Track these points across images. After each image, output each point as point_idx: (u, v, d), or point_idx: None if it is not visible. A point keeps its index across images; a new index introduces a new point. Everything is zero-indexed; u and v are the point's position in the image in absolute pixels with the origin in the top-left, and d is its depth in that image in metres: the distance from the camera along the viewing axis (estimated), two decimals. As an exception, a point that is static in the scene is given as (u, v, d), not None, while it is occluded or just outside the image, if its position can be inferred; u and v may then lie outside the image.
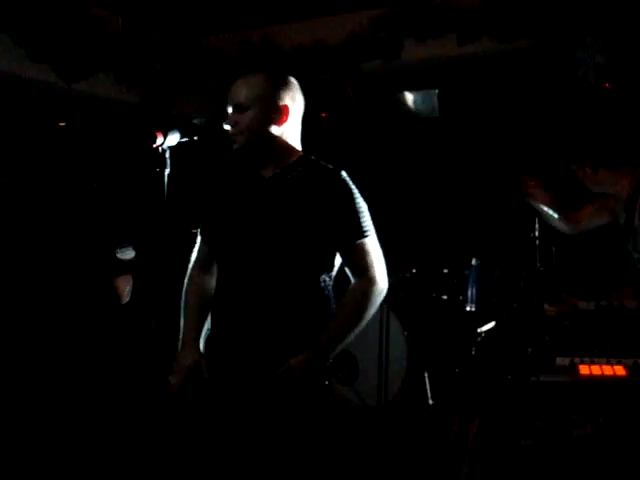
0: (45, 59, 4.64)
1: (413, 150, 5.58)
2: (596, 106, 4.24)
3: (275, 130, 2.49)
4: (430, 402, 4.55)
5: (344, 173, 2.49)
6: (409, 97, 5.75)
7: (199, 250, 2.67)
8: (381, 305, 4.49)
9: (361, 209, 2.47)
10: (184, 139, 2.38)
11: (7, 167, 4.68)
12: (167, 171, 2.29)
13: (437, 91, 5.65)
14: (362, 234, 2.45)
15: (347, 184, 2.47)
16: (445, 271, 4.86)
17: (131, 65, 5.13)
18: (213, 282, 2.63)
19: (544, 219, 3.53)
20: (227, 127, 2.48)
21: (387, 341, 4.56)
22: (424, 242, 5.29)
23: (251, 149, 2.50)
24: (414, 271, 4.96)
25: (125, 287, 3.49)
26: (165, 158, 2.30)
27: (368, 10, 5.09)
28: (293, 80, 2.59)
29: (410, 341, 4.64)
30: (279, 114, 2.49)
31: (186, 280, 2.67)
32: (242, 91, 2.47)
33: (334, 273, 2.54)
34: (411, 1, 4.92)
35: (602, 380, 2.30)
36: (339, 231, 2.43)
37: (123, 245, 3.20)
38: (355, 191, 2.48)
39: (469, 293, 4.61)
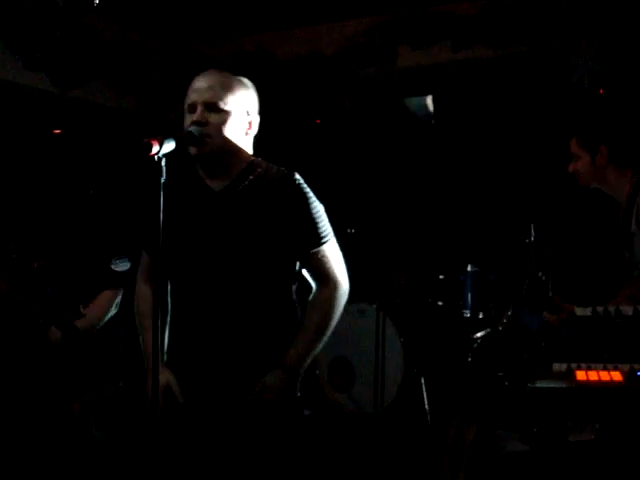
0: (41, 67, 4.64)
1: (408, 156, 5.59)
2: (591, 111, 4.26)
3: (241, 139, 2.41)
4: (427, 408, 4.54)
5: (297, 176, 2.41)
6: (405, 103, 5.77)
7: (145, 264, 2.57)
8: (377, 311, 4.54)
9: (317, 214, 2.39)
10: (180, 147, 2.33)
11: (2, 174, 4.67)
12: (163, 179, 2.25)
13: (432, 97, 5.68)
14: (319, 241, 2.39)
15: (301, 189, 2.39)
16: (441, 277, 4.86)
17: (126, 72, 5.14)
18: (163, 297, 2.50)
19: None
20: (192, 127, 2.32)
21: (383, 347, 4.55)
22: (420, 248, 5.30)
23: (217, 156, 2.36)
24: (410, 277, 4.96)
25: (114, 300, 3.47)
26: (161, 166, 2.25)
27: (363, 18, 5.11)
28: (252, 85, 2.48)
29: (406, 347, 4.64)
30: (249, 125, 2.42)
31: (136, 297, 2.58)
32: (220, 92, 2.34)
33: (296, 281, 2.48)
34: (406, 8, 4.93)
35: (599, 386, 2.29)
36: (296, 240, 2.37)
37: (119, 256, 3.17)
38: (310, 195, 2.40)
39: (465, 299, 4.61)
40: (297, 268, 2.47)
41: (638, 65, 4.29)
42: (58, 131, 5.09)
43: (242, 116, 2.39)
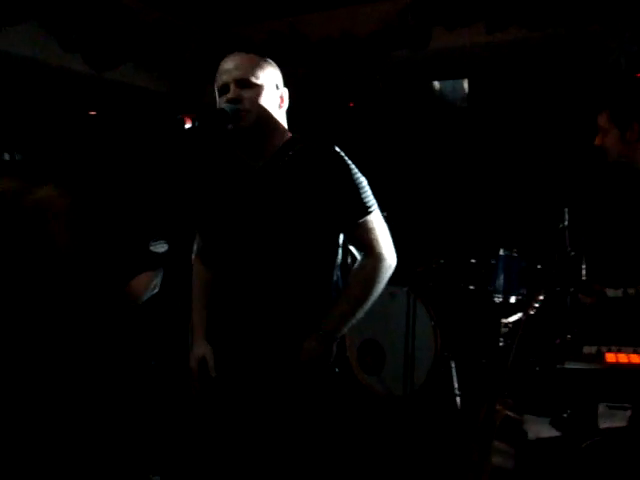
0: (76, 48, 4.68)
1: (441, 139, 5.55)
2: (625, 88, 4.19)
3: (276, 112, 2.42)
4: (456, 392, 4.54)
5: (337, 149, 2.40)
6: (439, 86, 5.73)
7: (199, 242, 2.62)
8: (408, 294, 4.53)
9: (361, 184, 2.37)
10: (213, 124, 2.34)
11: (40, 156, 4.73)
12: (195, 155, 2.28)
13: (467, 80, 5.63)
14: (365, 211, 2.36)
15: (343, 161, 2.38)
16: (473, 261, 4.84)
17: (161, 54, 5.16)
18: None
19: None
20: (225, 104, 2.33)
21: (414, 330, 4.55)
22: (452, 232, 5.27)
23: (257, 130, 2.37)
24: (442, 261, 4.94)
25: (154, 280, 3.52)
26: (194, 142, 2.27)
27: (396, -1, 5.07)
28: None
29: (437, 331, 4.63)
30: (281, 98, 2.44)
31: (193, 273, 2.64)
32: (249, 67, 2.36)
33: (341, 252, 2.48)
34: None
35: (629, 368, 2.28)
36: (341, 210, 2.35)
37: (157, 238, 3.21)
38: (352, 167, 2.38)
39: (496, 283, 4.58)
40: (342, 242, 2.47)
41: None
42: (93, 112, 5.15)
43: (273, 89, 2.41)
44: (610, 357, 2.35)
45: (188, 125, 2.22)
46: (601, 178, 4.45)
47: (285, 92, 2.47)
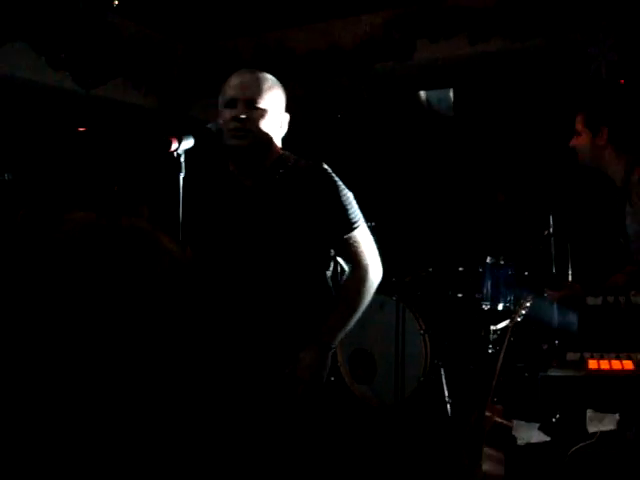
0: (64, 66, 4.73)
1: (427, 149, 5.62)
2: (599, 94, 4.27)
3: (276, 135, 2.50)
4: (447, 399, 4.57)
5: (325, 166, 2.48)
6: (425, 96, 5.79)
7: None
8: (397, 303, 4.57)
9: (347, 201, 2.46)
10: (198, 143, 2.39)
11: (28, 173, 4.76)
12: (182, 175, 2.32)
13: (452, 90, 5.69)
14: (351, 227, 2.46)
15: (331, 178, 2.46)
16: (460, 269, 4.89)
17: (148, 70, 5.21)
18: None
19: None
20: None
21: (403, 339, 4.59)
22: (439, 241, 5.33)
23: (255, 150, 2.45)
24: (430, 270, 4.99)
25: None
26: (180, 162, 2.32)
27: (380, 12, 5.13)
28: None
29: (426, 339, 4.67)
30: (283, 122, 2.52)
31: None
32: (258, 88, 2.43)
33: (332, 266, 2.57)
34: (423, 2, 4.96)
35: (610, 374, 2.33)
36: (328, 227, 2.45)
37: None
38: (340, 184, 2.47)
39: (484, 291, 4.63)
40: (331, 254, 2.55)
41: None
42: (82, 129, 5.19)
43: (276, 114, 2.49)
44: (592, 364, 2.39)
45: (174, 145, 2.27)
46: (578, 183, 4.52)
47: (286, 118, 2.55)
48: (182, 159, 2.31)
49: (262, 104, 2.42)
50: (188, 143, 2.32)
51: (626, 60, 4.45)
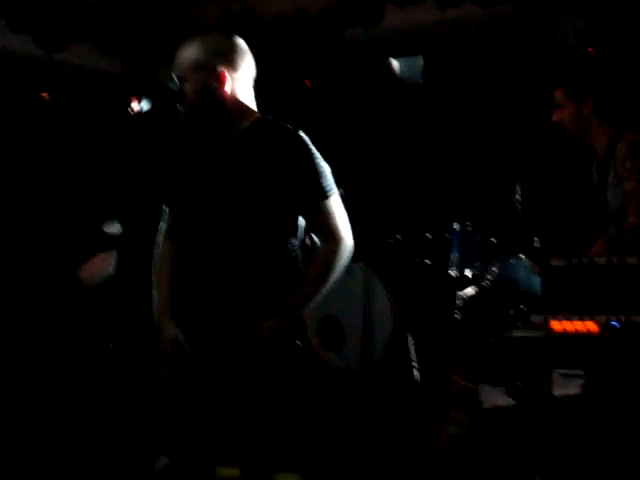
0: (26, 29, 4.62)
1: (396, 116, 5.59)
2: (579, 63, 4.28)
3: (218, 97, 2.46)
4: (414, 365, 4.61)
5: (302, 133, 2.46)
6: (394, 64, 5.75)
7: (166, 219, 2.64)
8: (365, 270, 4.58)
9: (321, 169, 2.45)
10: (159, 104, 2.38)
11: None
12: (143, 135, 2.30)
13: (421, 58, 5.65)
14: (324, 195, 2.43)
15: (306, 145, 2.45)
16: (428, 236, 4.90)
17: (112, 35, 5.12)
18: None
19: None
20: (171, 83, 2.46)
21: (372, 306, 4.61)
22: (407, 208, 5.33)
23: (195, 119, 2.48)
24: (398, 236, 5.00)
25: (107, 263, 3.51)
26: (141, 123, 2.30)
27: (349, -24, 5.08)
28: (232, 41, 2.52)
29: (394, 305, 4.70)
30: (217, 81, 2.45)
31: (156, 251, 2.65)
32: (178, 62, 2.46)
33: (300, 235, 2.55)
34: (391, -34, 4.92)
35: (574, 335, 2.35)
36: (300, 193, 2.42)
37: (110, 219, 3.21)
38: (314, 151, 2.46)
39: (451, 257, 4.64)
40: (302, 224, 2.53)
41: (623, 21, 4.29)
42: (45, 94, 5.09)
43: (202, 77, 2.44)
44: (556, 325, 2.42)
45: (135, 105, 2.25)
46: (554, 151, 4.54)
47: (225, 73, 2.45)
48: (144, 118, 2.30)
49: (186, 75, 2.42)
50: (148, 103, 2.31)
51: (594, 27, 4.45)
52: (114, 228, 3.25)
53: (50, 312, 3.31)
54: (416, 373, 4.61)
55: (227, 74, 2.45)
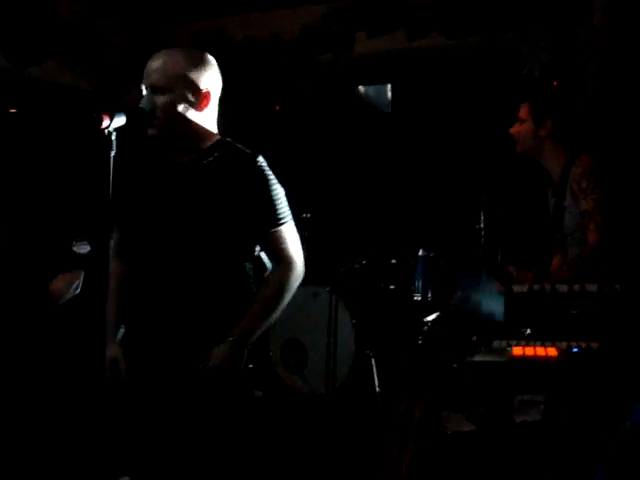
0: (-3, 44, 4.60)
1: (364, 143, 5.66)
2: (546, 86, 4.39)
3: (194, 115, 2.44)
4: (377, 389, 4.62)
5: (261, 158, 2.45)
6: (363, 91, 5.83)
7: (116, 238, 2.60)
8: (330, 294, 4.60)
9: (277, 196, 2.45)
10: (130, 122, 2.35)
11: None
12: (113, 153, 2.28)
13: (390, 86, 5.74)
14: (277, 222, 2.44)
15: (262, 169, 2.44)
16: (393, 261, 4.94)
17: (84, 52, 5.11)
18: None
19: None
20: (143, 103, 2.41)
21: (335, 329, 4.62)
22: (373, 233, 5.38)
23: (167, 135, 2.43)
24: (363, 261, 5.03)
25: (75, 281, 3.48)
26: (111, 140, 2.27)
27: (321, 4, 5.15)
28: (213, 60, 2.50)
29: (358, 329, 4.71)
30: (200, 98, 2.44)
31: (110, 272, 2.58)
32: (159, 71, 2.39)
33: (255, 259, 2.54)
34: (363, -5, 5.00)
35: (534, 360, 2.39)
36: (255, 219, 2.42)
37: (80, 239, 3.20)
38: (271, 176, 2.45)
39: (416, 283, 4.69)
40: (256, 250, 2.53)
41: (585, 55, 4.40)
42: (13, 110, 5.06)
43: (186, 91, 2.41)
44: (517, 350, 2.45)
45: (106, 122, 2.23)
46: (512, 177, 4.62)
47: (210, 92, 2.46)
48: (113, 137, 2.26)
49: (168, 87, 2.38)
50: (120, 121, 2.28)
51: (559, 60, 4.56)
52: (83, 248, 3.24)
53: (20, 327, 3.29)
54: (379, 397, 4.62)
55: (210, 93, 2.46)
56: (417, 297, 4.66)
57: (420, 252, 4.70)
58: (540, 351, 2.44)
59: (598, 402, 2.44)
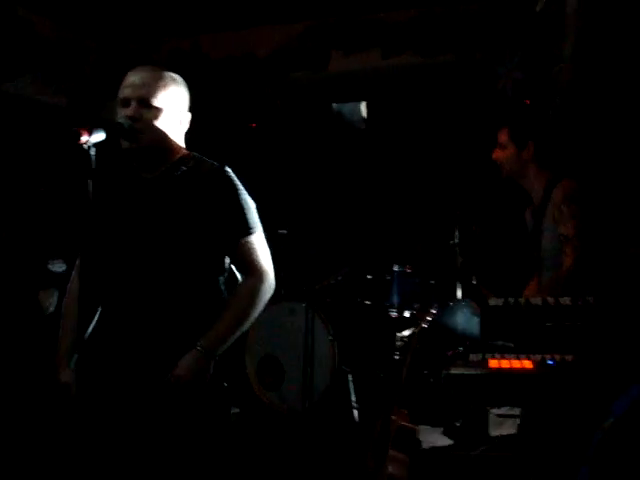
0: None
1: (339, 159, 5.70)
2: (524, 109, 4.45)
3: (174, 133, 2.47)
4: (354, 405, 4.63)
5: (228, 169, 2.46)
6: (338, 109, 5.87)
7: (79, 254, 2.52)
8: (307, 310, 4.61)
9: (246, 206, 2.45)
10: (109, 137, 2.34)
11: None
12: (92, 167, 2.26)
13: (365, 103, 5.79)
14: (247, 231, 2.43)
15: (231, 181, 2.45)
16: (369, 277, 4.97)
17: (59, 68, 5.10)
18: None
19: None
20: (123, 119, 2.37)
21: (312, 346, 4.62)
22: (349, 249, 5.40)
23: (145, 151, 2.42)
24: (339, 277, 5.05)
25: (49, 299, 3.46)
26: (90, 155, 2.27)
27: (297, 23, 5.20)
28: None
29: (335, 345, 4.72)
30: (183, 121, 2.49)
31: (68, 287, 2.58)
32: (152, 86, 2.40)
33: (226, 273, 2.52)
34: (339, 15, 5.05)
35: (510, 372, 2.41)
36: (225, 229, 2.41)
37: (55, 257, 3.18)
38: (240, 187, 2.46)
39: (391, 298, 4.71)
40: (227, 261, 2.51)
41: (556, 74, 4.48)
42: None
43: (174, 113, 2.45)
44: (493, 363, 2.47)
45: (84, 137, 2.22)
46: (490, 192, 4.67)
47: (187, 115, 2.51)
48: (92, 152, 2.25)
49: (156, 103, 2.39)
50: (99, 136, 2.26)
51: (531, 79, 4.64)
52: (59, 267, 3.23)
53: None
54: (356, 413, 4.62)
55: (189, 117, 2.50)
56: (393, 312, 4.69)
57: (395, 267, 4.73)
58: (515, 364, 2.46)
59: (574, 411, 2.47)
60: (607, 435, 1.65)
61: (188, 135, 2.57)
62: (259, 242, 2.48)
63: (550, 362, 2.39)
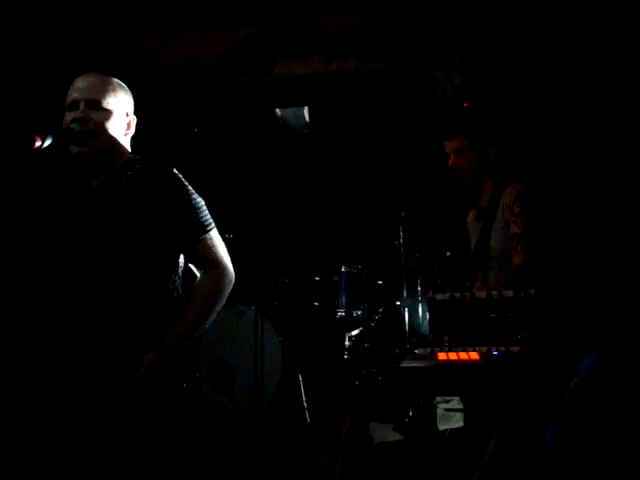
0: None
1: (284, 163, 5.75)
2: (482, 115, 4.54)
3: (122, 138, 2.50)
4: (305, 405, 4.68)
5: (175, 171, 2.50)
6: (281, 113, 5.93)
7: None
8: (256, 313, 4.65)
9: (199, 204, 2.49)
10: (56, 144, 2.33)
11: None
12: (42, 175, 2.28)
13: (307, 108, 5.86)
14: (203, 229, 2.47)
15: (180, 181, 2.48)
16: (317, 278, 5.03)
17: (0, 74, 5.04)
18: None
19: None
20: (75, 124, 2.38)
21: (262, 348, 4.66)
22: (296, 251, 5.45)
23: (95, 155, 2.43)
24: (287, 280, 5.10)
25: None
26: (42, 162, 2.28)
27: (241, 28, 5.23)
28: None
29: (284, 346, 4.77)
30: (127, 125, 2.52)
31: None
32: (102, 90, 2.43)
33: (180, 271, 2.55)
34: (282, 21, 5.10)
35: (458, 364, 2.49)
36: (179, 230, 2.44)
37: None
38: (189, 188, 2.49)
39: (339, 299, 4.79)
40: (181, 260, 2.54)
41: (498, 78, 4.60)
42: None
43: (122, 116, 2.49)
44: (441, 355, 2.56)
45: (38, 143, 2.23)
46: (433, 194, 4.77)
47: (134, 120, 2.55)
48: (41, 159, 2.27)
49: (106, 105, 2.42)
50: (48, 142, 2.27)
51: (471, 83, 4.75)
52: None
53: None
54: (307, 413, 4.67)
55: (135, 119, 2.54)
56: (341, 312, 4.76)
57: (343, 268, 4.80)
58: (462, 355, 2.55)
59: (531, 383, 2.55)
60: (574, 395, 1.74)
61: (132, 141, 2.60)
62: (216, 237, 2.52)
63: (495, 353, 2.49)
